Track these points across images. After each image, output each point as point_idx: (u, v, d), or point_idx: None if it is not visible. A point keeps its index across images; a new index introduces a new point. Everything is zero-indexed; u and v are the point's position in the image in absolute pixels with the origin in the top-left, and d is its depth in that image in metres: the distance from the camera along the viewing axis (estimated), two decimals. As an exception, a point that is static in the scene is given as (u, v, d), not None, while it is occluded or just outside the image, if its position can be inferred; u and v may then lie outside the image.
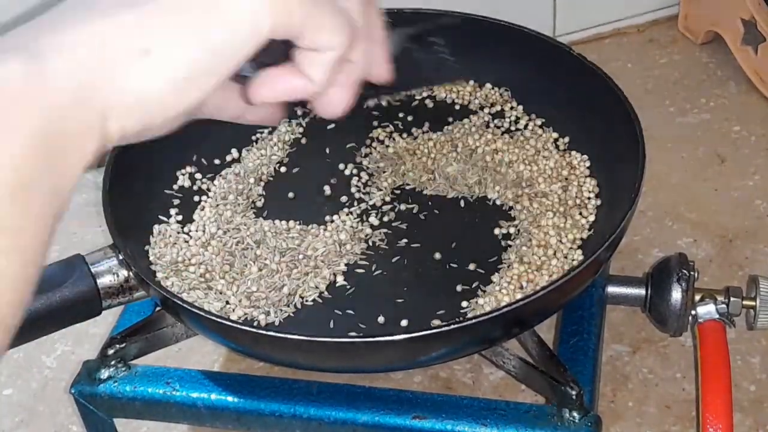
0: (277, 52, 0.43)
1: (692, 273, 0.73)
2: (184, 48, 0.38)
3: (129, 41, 0.37)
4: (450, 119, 0.84)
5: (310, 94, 0.44)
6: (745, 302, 0.73)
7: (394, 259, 0.73)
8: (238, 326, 0.62)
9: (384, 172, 0.79)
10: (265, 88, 0.44)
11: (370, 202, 0.78)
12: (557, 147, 0.80)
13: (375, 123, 0.84)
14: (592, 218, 0.74)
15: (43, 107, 0.35)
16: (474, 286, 0.70)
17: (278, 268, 0.72)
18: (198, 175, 0.81)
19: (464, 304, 0.69)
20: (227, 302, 0.70)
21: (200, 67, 0.38)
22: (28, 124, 0.34)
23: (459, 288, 0.70)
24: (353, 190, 0.79)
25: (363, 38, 0.44)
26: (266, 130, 0.84)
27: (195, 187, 0.80)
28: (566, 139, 0.80)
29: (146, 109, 0.38)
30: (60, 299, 0.64)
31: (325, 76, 0.43)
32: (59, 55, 0.36)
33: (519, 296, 0.68)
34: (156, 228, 0.76)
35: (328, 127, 0.84)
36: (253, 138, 0.84)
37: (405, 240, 0.74)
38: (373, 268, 0.72)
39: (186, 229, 0.76)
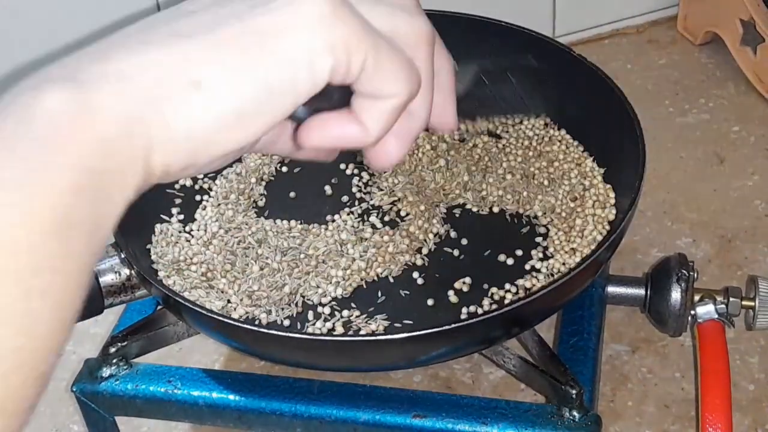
0: (334, 96, 0.40)
1: (691, 273, 0.73)
2: (237, 85, 0.36)
3: (179, 74, 0.35)
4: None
5: (364, 143, 0.40)
6: (744, 302, 0.73)
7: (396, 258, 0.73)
8: (240, 325, 0.62)
9: (385, 171, 0.80)
10: (316, 133, 0.40)
11: (371, 202, 0.78)
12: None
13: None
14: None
15: (89, 140, 0.33)
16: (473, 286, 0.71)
17: (279, 267, 0.72)
18: (200, 175, 0.81)
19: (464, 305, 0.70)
20: (228, 301, 0.70)
21: (252, 107, 0.36)
22: (74, 158, 0.32)
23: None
24: (354, 189, 0.79)
25: (428, 88, 0.41)
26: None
27: (197, 187, 0.80)
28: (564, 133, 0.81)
29: (193, 147, 0.36)
30: (62, 298, 0.64)
31: (382, 126, 0.40)
32: (107, 86, 0.34)
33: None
34: (158, 227, 0.76)
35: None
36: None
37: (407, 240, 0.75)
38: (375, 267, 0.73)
39: (188, 228, 0.76)
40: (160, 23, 0.37)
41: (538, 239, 0.74)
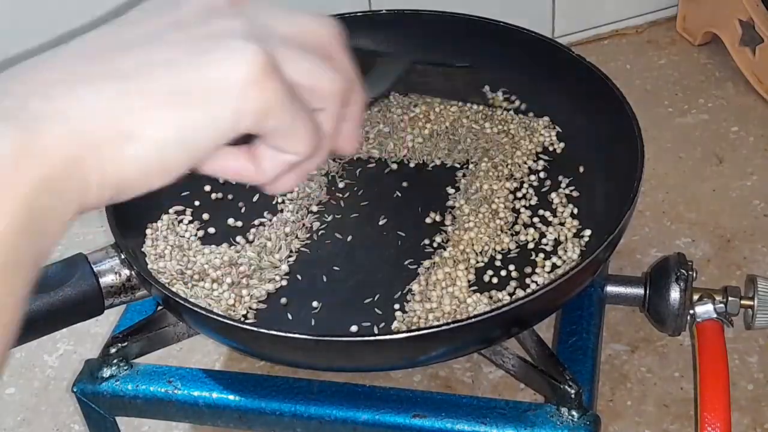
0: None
1: (690, 273, 0.73)
2: (164, 141, 0.38)
3: (116, 122, 0.37)
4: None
5: (257, 182, 0.44)
6: (743, 302, 0.73)
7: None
8: (240, 325, 0.62)
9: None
10: (216, 164, 0.43)
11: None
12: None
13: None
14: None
15: (33, 180, 0.34)
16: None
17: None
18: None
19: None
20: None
21: (175, 159, 0.38)
22: (18, 200, 0.34)
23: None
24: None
25: (328, 141, 0.44)
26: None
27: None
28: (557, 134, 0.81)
29: (121, 189, 0.38)
30: (62, 298, 0.64)
31: (278, 173, 0.43)
32: (51, 127, 0.35)
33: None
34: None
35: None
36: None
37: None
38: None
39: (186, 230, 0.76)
40: (99, 53, 0.38)
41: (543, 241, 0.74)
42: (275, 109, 0.39)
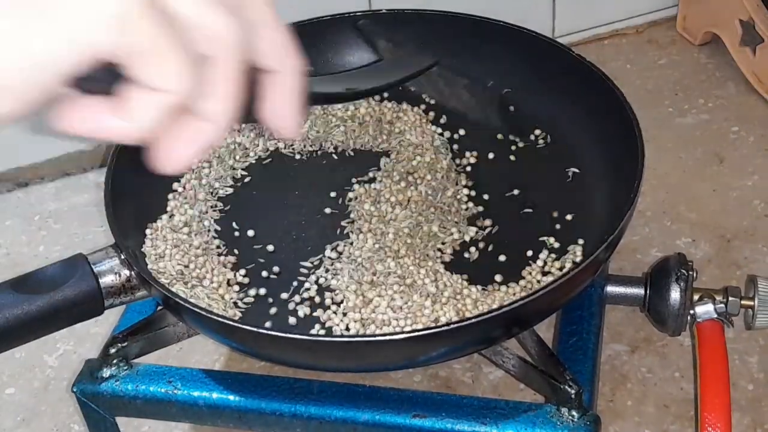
0: (110, 80, 0.35)
1: (691, 273, 0.73)
2: (2, 43, 0.32)
3: None
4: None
5: (129, 138, 0.36)
6: (743, 302, 0.73)
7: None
8: (240, 325, 0.62)
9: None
10: (73, 117, 0.36)
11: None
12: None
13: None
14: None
15: None
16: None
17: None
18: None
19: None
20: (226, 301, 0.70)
21: (21, 72, 0.33)
22: None
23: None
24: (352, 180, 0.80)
25: (226, 94, 0.37)
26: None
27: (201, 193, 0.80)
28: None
29: None
30: (62, 299, 0.64)
31: (149, 122, 0.36)
32: None
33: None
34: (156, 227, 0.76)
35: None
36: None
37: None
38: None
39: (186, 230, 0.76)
40: None
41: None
42: (135, 19, 0.33)
